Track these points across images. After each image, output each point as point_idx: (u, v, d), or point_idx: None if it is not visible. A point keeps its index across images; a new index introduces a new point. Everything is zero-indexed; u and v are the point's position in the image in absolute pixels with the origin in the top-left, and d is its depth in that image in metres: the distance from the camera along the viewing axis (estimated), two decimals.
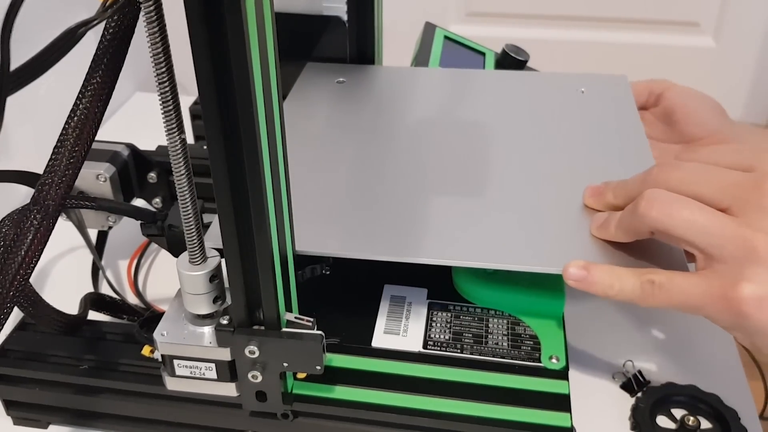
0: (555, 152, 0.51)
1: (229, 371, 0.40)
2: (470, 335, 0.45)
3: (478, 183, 0.48)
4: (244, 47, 0.30)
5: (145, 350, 0.43)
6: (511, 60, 0.66)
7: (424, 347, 0.44)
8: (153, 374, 0.43)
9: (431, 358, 0.44)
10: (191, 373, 0.41)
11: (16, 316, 0.42)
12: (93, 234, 0.57)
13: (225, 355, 0.40)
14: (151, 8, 0.30)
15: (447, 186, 0.48)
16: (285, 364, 0.39)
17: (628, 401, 0.47)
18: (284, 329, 0.39)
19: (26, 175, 0.49)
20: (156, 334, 0.40)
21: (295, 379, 0.43)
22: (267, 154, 0.34)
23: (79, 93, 0.32)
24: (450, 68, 0.64)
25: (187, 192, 0.36)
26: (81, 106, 0.32)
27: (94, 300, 0.50)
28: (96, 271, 0.59)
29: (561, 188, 0.47)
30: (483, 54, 0.69)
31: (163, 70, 0.32)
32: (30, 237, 0.33)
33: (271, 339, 0.38)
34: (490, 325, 0.45)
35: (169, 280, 0.42)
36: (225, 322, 0.39)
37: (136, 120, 0.85)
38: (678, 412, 0.46)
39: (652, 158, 0.50)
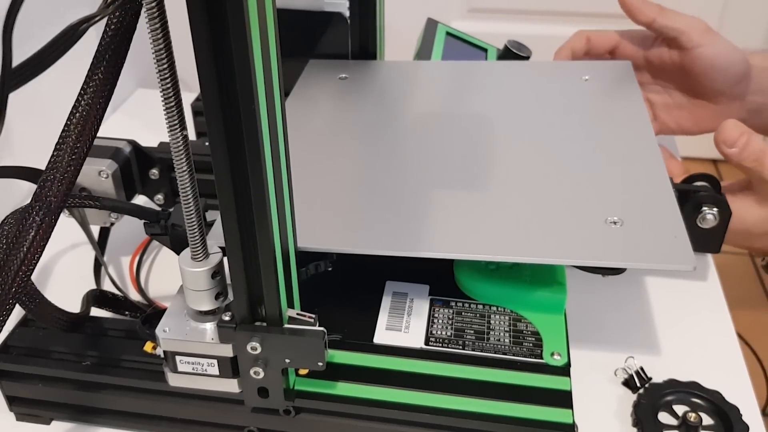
0: (559, 142, 0.51)
1: (231, 367, 0.40)
2: (472, 331, 0.45)
3: (481, 175, 0.48)
4: (246, 43, 0.30)
5: (148, 346, 0.43)
6: (513, 56, 0.66)
7: (426, 343, 0.44)
8: (155, 370, 0.43)
9: (433, 354, 0.44)
10: (193, 369, 0.41)
11: (18, 312, 0.42)
12: (95, 230, 0.57)
13: (227, 351, 0.40)
14: (153, 4, 0.30)
15: (450, 179, 0.48)
16: (287, 361, 0.39)
17: (629, 398, 0.47)
18: (286, 325, 0.39)
19: (28, 170, 0.49)
20: (158, 331, 0.40)
21: (297, 375, 0.43)
22: (269, 150, 0.34)
23: (81, 89, 0.32)
24: (452, 61, 0.64)
25: (189, 188, 0.36)
26: (83, 102, 0.32)
27: (97, 297, 0.50)
28: (98, 267, 0.59)
29: (565, 178, 0.47)
30: (485, 50, 0.69)
31: (165, 66, 0.32)
32: (32, 234, 0.33)
33: (273, 335, 0.38)
34: (492, 322, 0.45)
35: (172, 276, 0.42)
36: (227, 318, 0.39)
37: (138, 117, 0.85)
38: (680, 409, 0.46)
39: (657, 145, 0.50)
